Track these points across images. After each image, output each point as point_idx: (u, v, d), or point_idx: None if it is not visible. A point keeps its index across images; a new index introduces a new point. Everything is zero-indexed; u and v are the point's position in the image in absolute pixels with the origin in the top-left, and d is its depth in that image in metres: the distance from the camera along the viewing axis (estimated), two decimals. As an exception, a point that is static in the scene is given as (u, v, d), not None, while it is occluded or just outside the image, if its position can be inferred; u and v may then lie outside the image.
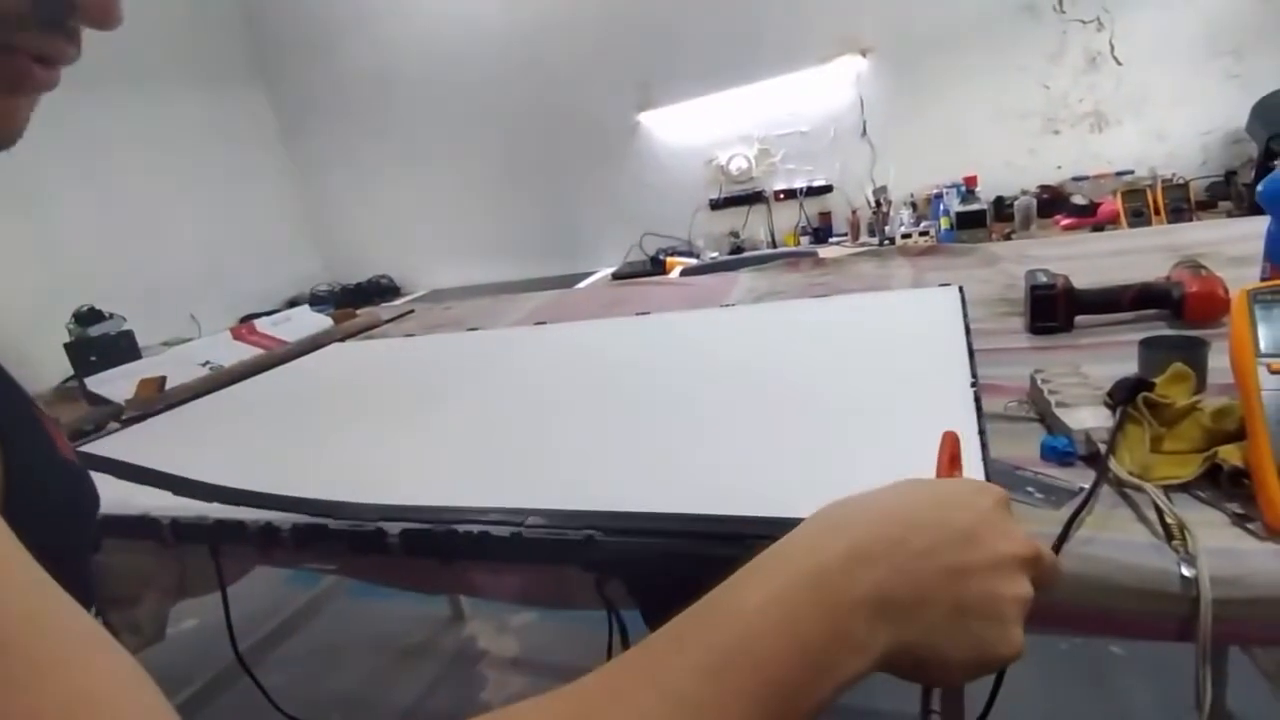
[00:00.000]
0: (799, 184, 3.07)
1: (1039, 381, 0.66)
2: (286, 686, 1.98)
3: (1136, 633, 0.47)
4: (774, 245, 3.15)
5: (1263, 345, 0.49)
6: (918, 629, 0.29)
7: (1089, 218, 2.46)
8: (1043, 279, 0.87)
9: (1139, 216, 2.31)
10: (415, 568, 0.63)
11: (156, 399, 1.29)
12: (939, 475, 0.40)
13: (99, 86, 3.02)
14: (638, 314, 1.14)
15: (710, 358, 0.88)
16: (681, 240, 3.33)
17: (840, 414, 0.62)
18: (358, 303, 2.76)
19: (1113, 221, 2.38)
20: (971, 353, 0.68)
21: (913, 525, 0.31)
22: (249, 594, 1.79)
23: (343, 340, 1.60)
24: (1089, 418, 0.58)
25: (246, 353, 1.58)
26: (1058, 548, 0.47)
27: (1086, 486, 0.53)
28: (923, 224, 2.62)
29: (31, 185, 2.86)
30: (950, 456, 0.40)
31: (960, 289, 0.90)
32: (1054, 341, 0.84)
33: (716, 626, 0.28)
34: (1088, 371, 0.67)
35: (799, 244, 3.06)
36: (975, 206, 2.43)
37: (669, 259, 3.06)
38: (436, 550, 0.52)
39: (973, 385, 0.60)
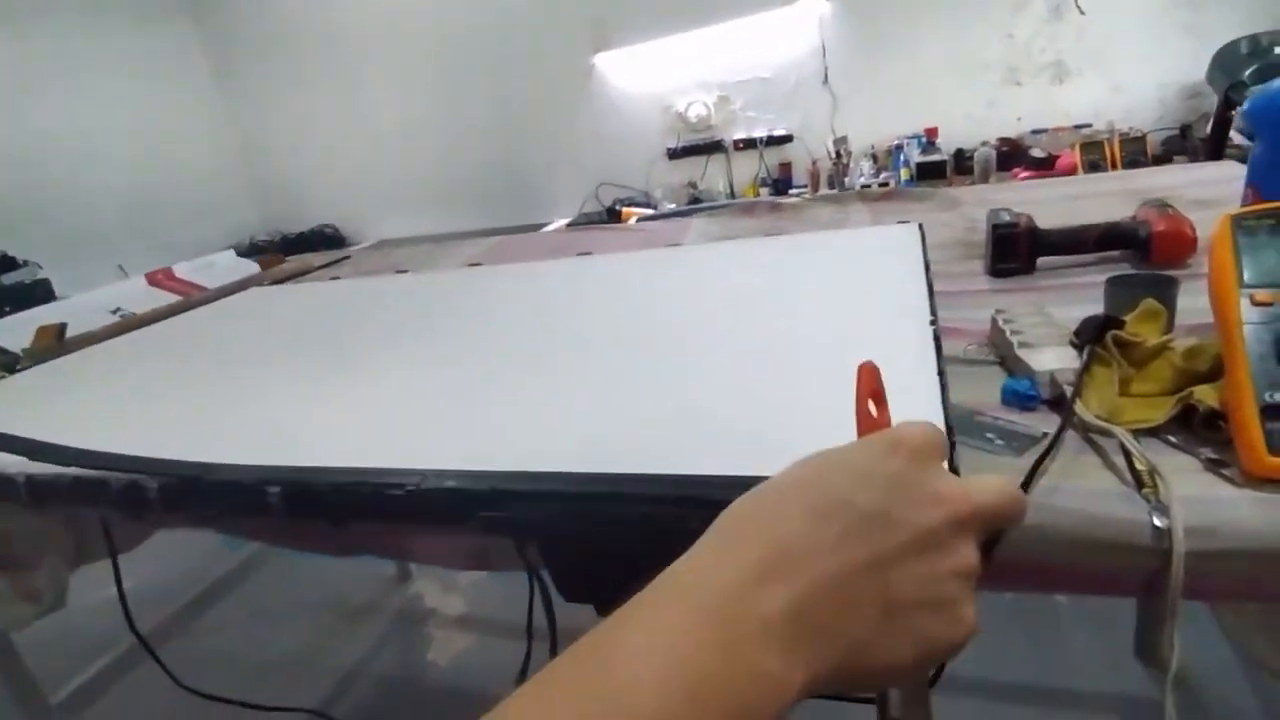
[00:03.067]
0: (759, 133, 2.99)
1: (1000, 322, 0.62)
2: (224, 650, 1.92)
3: (1101, 588, 0.43)
4: (733, 197, 3.08)
5: (1246, 275, 0.45)
6: (844, 644, 0.24)
7: (1047, 170, 2.44)
8: (1005, 218, 0.82)
9: (1096, 169, 2.29)
10: (329, 531, 0.56)
11: (55, 348, 1.18)
12: (859, 425, 0.32)
13: (13, 18, 2.77)
14: (579, 254, 1.06)
15: (650, 299, 0.81)
16: (639, 191, 3.24)
17: (790, 357, 0.56)
18: (299, 253, 2.63)
19: (1070, 174, 2.36)
20: (931, 290, 0.63)
21: (818, 519, 0.26)
22: (184, 555, 1.70)
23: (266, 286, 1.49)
24: (1053, 359, 0.54)
25: (163, 300, 1.46)
26: (1020, 498, 0.42)
27: (1050, 432, 0.49)
28: (883, 175, 2.58)
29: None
30: (871, 395, 0.33)
31: (920, 226, 0.85)
32: (1015, 284, 0.80)
33: (590, 678, 0.23)
34: (1052, 312, 0.62)
35: (758, 195, 2.99)
36: (935, 157, 2.39)
37: (625, 209, 2.97)
38: (322, 512, 0.46)
39: (932, 324, 0.55)
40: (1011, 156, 2.57)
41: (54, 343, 1.19)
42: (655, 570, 0.26)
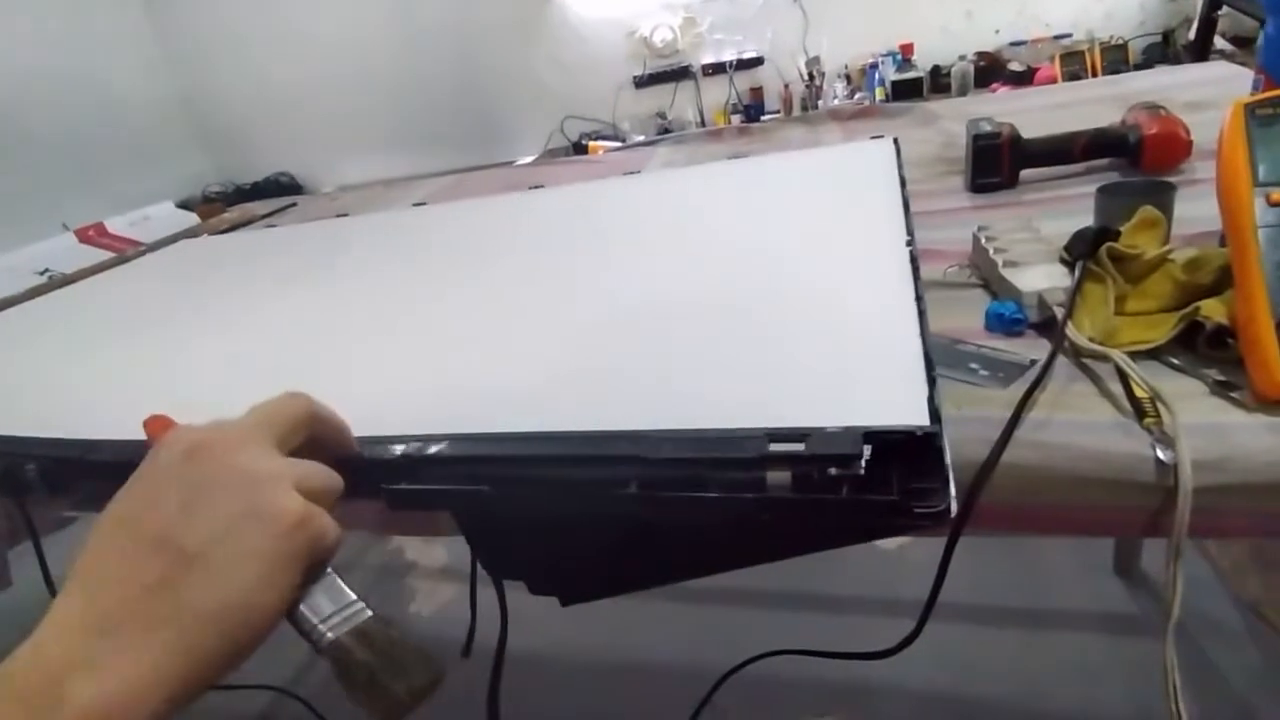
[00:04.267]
0: (728, 56, 2.85)
1: (983, 240, 0.56)
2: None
3: (1099, 530, 0.39)
4: (703, 124, 2.96)
5: (1261, 171, 0.39)
6: (175, 648, 0.25)
7: (1025, 83, 2.35)
8: (986, 128, 0.75)
9: (1076, 80, 2.21)
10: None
11: (-26, 314, 1.09)
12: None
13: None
14: (531, 188, 0.99)
15: (600, 229, 0.74)
16: (605, 123, 3.10)
17: (754, 288, 0.50)
18: (258, 202, 2.50)
19: (1048, 86, 2.28)
20: (907, 208, 0.57)
21: (125, 558, 0.27)
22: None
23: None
24: (1042, 277, 0.49)
25: (94, 257, 1.37)
26: (1007, 435, 0.37)
27: (1039, 359, 0.44)
28: (857, 95, 2.47)
29: None
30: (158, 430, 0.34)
31: (895, 140, 0.78)
32: (997, 199, 0.75)
33: None
34: (1039, 227, 0.57)
35: (729, 122, 2.88)
36: (911, 75, 2.30)
37: (592, 143, 2.85)
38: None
39: (908, 245, 0.50)
40: (989, 71, 2.48)
41: (-28, 308, 1.10)
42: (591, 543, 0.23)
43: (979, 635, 1.35)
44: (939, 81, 2.46)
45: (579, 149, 3.01)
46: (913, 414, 0.30)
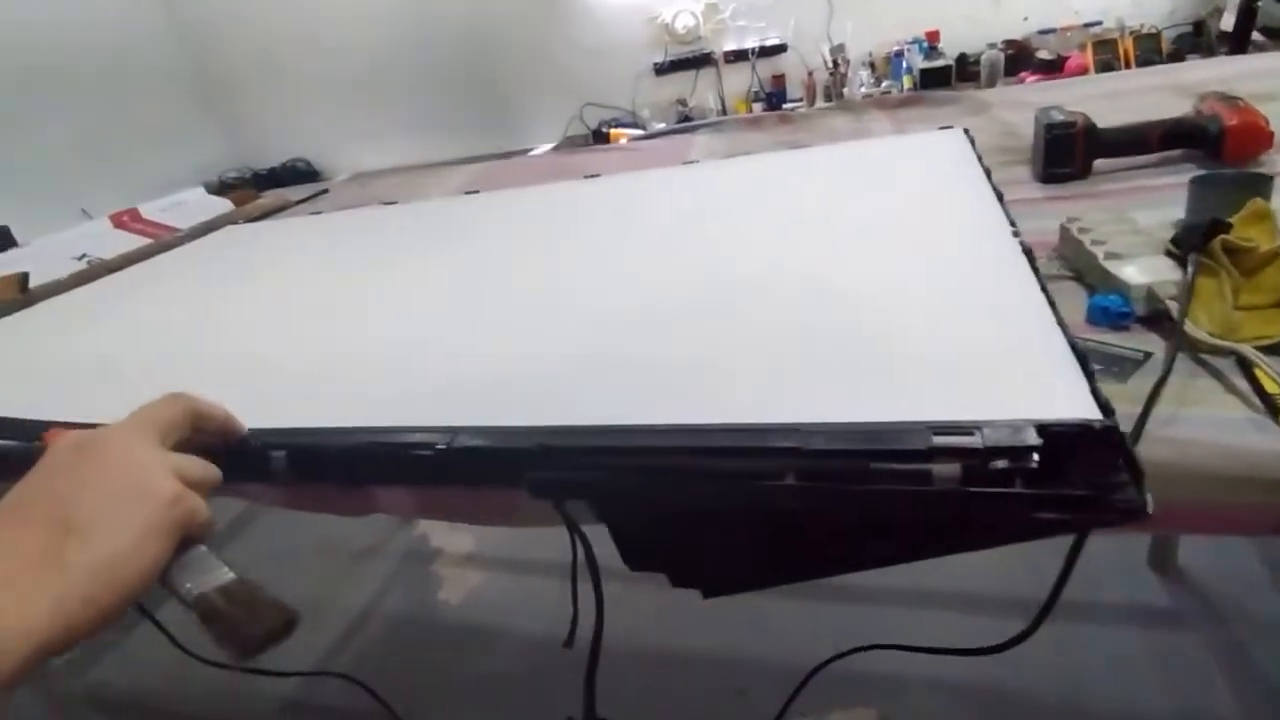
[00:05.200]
0: (750, 43, 2.83)
1: (1075, 231, 0.55)
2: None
3: (1233, 528, 0.38)
4: (724, 113, 2.94)
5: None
6: (56, 595, 0.30)
7: (1056, 73, 2.33)
8: (1058, 117, 0.74)
9: (1109, 69, 2.18)
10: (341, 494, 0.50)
11: (19, 300, 1.09)
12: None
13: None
14: (587, 176, 0.98)
15: (680, 221, 0.73)
16: (625, 111, 3.08)
17: (864, 279, 0.49)
18: (274, 189, 2.50)
19: (1080, 76, 2.25)
20: (1001, 198, 0.56)
21: (14, 527, 0.33)
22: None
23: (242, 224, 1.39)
24: (1148, 270, 0.48)
25: (130, 242, 1.36)
26: (1139, 430, 0.37)
27: (1150, 352, 0.43)
28: (884, 84, 2.45)
29: None
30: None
31: (966, 130, 0.77)
32: (1071, 190, 0.73)
33: None
34: (1134, 218, 0.56)
35: (751, 110, 2.86)
36: (940, 63, 2.27)
37: (613, 131, 2.83)
38: (336, 476, 0.40)
39: (1015, 235, 0.49)
40: (1017, 59, 2.45)
41: (16, 293, 1.10)
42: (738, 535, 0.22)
43: (1013, 628, 1.35)
44: (966, 69, 2.44)
45: (598, 136, 2.99)
46: (1078, 407, 0.29)
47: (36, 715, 1.22)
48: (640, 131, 2.76)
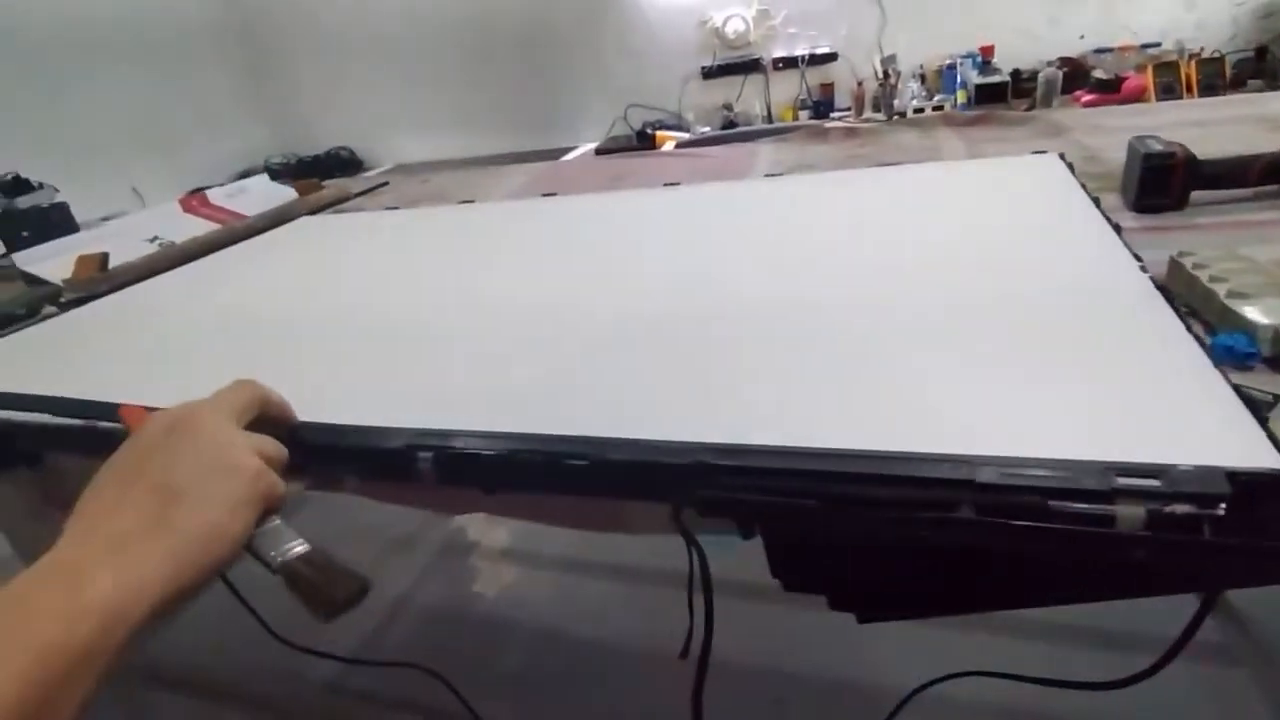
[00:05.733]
0: (800, 51, 2.82)
1: (1189, 267, 0.55)
2: (259, 582, 1.92)
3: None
4: (769, 119, 2.94)
5: None
6: (162, 552, 0.33)
7: (1112, 94, 2.30)
8: (1156, 147, 0.74)
9: (1170, 93, 2.16)
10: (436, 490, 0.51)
11: (99, 279, 1.12)
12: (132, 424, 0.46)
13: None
14: (666, 184, 0.98)
15: (785, 238, 0.71)
16: (670, 113, 3.09)
17: (984, 309, 0.49)
18: (317, 177, 2.53)
19: (1138, 98, 2.23)
20: (1119, 230, 0.56)
21: (117, 488, 0.36)
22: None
23: (309, 215, 1.42)
24: (1275, 311, 0.48)
25: (199, 227, 1.39)
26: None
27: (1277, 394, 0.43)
28: (936, 98, 2.43)
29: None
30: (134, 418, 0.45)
31: (1062, 156, 0.77)
32: (1166, 221, 0.73)
33: None
34: (1251, 254, 0.55)
35: (797, 118, 2.85)
36: (996, 78, 2.25)
37: (659, 133, 2.84)
38: (479, 479, 0.41)
39: (1142, 270, 0.49)
40: (1072, 78, 2.42)
41: (97, 273, 1.13)
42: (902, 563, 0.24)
43: (1057, 655, 1.33)
44: (1020, 86, 2.42)
45: (642, 138, 3.00)
46: (1258, 454, 0.30)
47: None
48: (686, 135, 2.77)
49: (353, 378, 0.56)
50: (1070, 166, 0.74)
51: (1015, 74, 2.47)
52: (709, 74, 2.96)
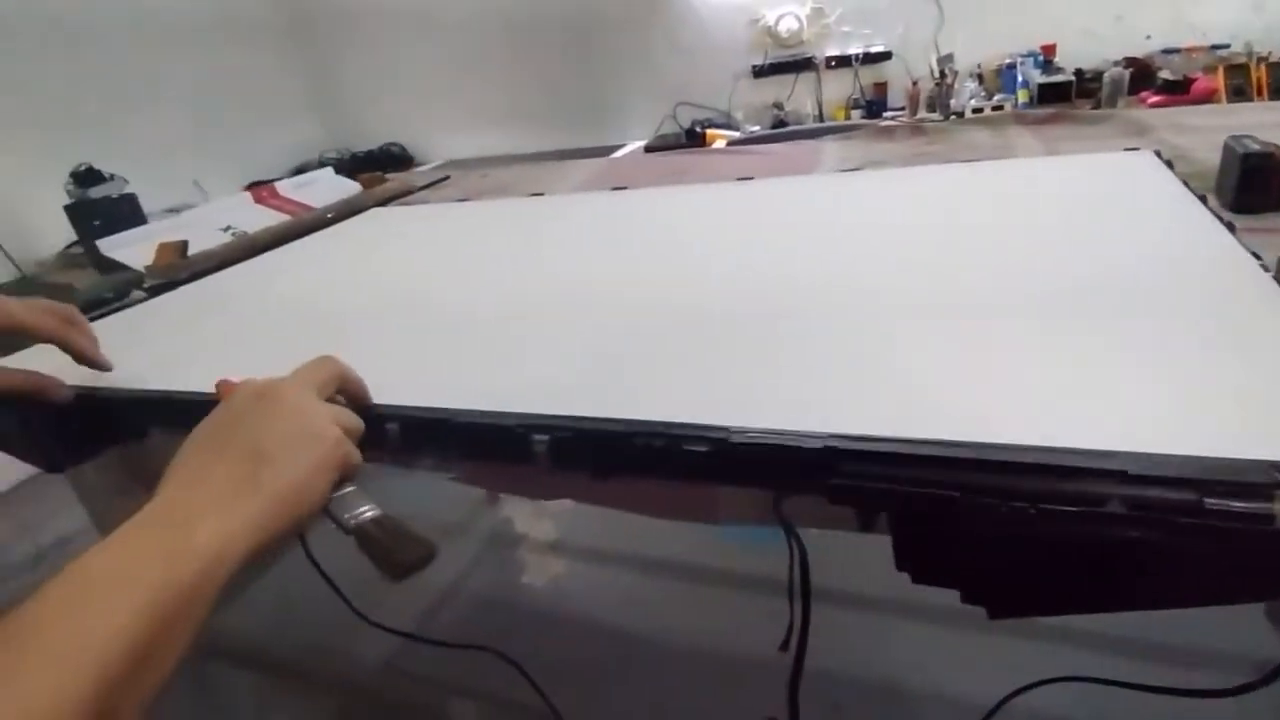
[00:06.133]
0: (854, 50, 2.79)
1: (1306, 268, 0.53)
2: (327, 554, 1.97)
3: None
4: (820, 119, 2.91)
5: None
6: (259, 505, 0.37)
7: (1180, 95, 2.23)
8: (1254, 147, 0.72)
9: (1240, 95, 2.09)
10: (530, 475, 0.52)
11: (180, 266, 1.15)
12: (222, 393, 0.48)
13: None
14: (740, 179, 0.98)
15: (878, 233, 0.70)
16: (719, 112, 3.08)
17: (1109, 304, 0.48)
18: (369, 171, 2.57)
19: (1208, 99, 2.16)
20: (1232, 229, 0.54)
21: (209, 450, 0.40)
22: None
23: (373, 207, 1.45)
24: None
25: (269, 217, 1.43)
26: None
27: None
28: (996, 98, 2.39)
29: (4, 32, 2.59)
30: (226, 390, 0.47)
31: (1157, 153, 0.75)
32: (1263, 223, 0.71)
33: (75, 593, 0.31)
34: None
35: (848, 118, 2.82)
36: (1060, 78, 2.20)
37: (709, 131, 2.83)
38: (591, 463, 0.42)
39: (1265, 270, 0.47)
40: (1138, 79, 2.36)
41: (178, 261, 1.17)
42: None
43: (1116, 672, 1.30)
44: (1083, 86, 2.36)
45: (691, 135, 2.99)
46: None
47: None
48: (736, 133, 2.76)
49: (455, 363, 0.57)
50: (1169, 164, 0.72)
51: (1079, 73, 2.41)
52: (760, 72, 2.95)
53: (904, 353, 0.46)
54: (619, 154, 2.84)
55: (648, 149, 3.00)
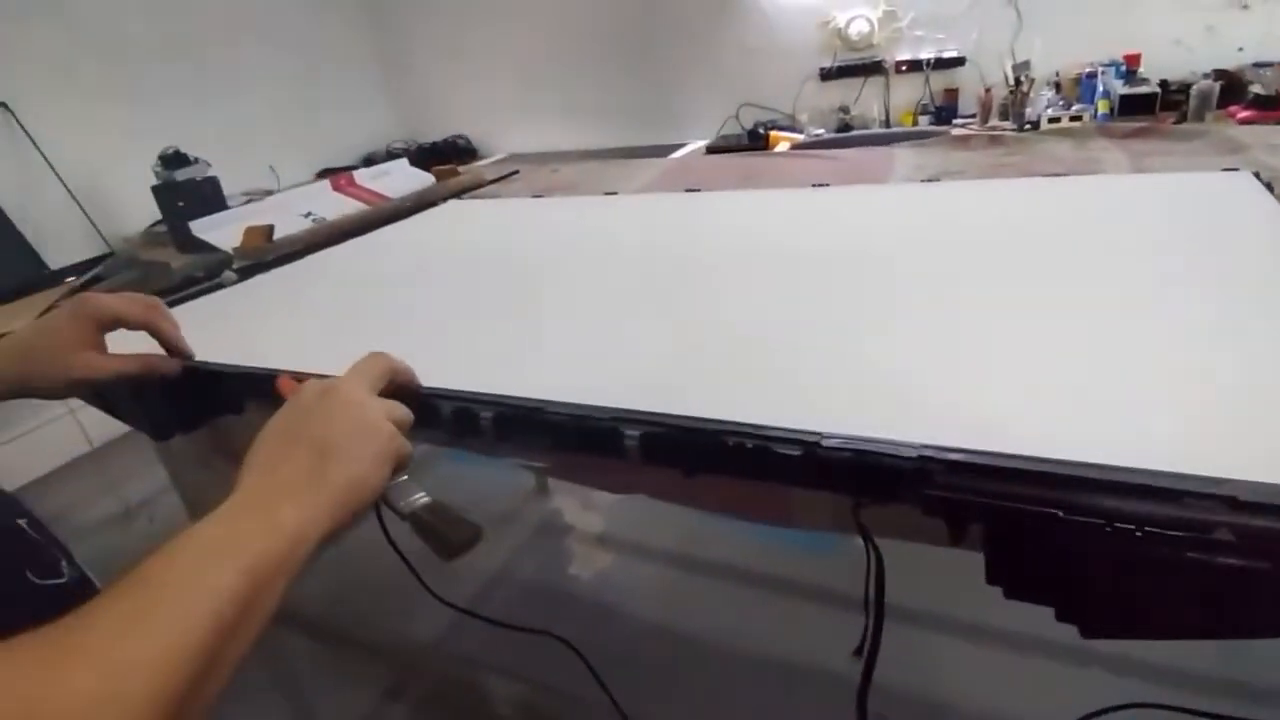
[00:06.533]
0: (926, 54, 2.74)
1: None
2: (380, 542, 2.02)
3: None
4: (887, 124, 2.86)
5: None
6: (330, 493, 0.40)
7: (1272, 111, 2.13)
8: (1367, 170, 0.69)
9: (1341, 112, 1.98)
10: (602, 466, 0.53)
11: (266, 249, 1.20)
12: (285, 393, 0.51)
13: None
14: (815, 185, 0.98)
15: (974, 244, 0.70)
16: (783, 114, 3.06)
17: (1228, 328, 0.48)
18: (434, 163, 2.62)
19: (1306, 116, 2.05)
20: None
21: (277, 444, 0.43)
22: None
23: (446, 199, 1.48)
24: None
25: (347, 205, 1.48)
26: None
27: None
28: (1074, 107, 2.32)
29: (107, 21, 2.73)
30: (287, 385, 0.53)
31: (1257, 174, 0.72)
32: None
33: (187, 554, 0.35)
34: None
35: (916, 124, 2.77)
36: (1145, 89, 2.12)
37: (772, 133, 2.81)
38: (680, 461, 0.43)
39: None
40: (1227, 92, 2.25)
41: (264, 244, 1.22)
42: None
43: (1178, 699, 1.26)
44: (1168, 98, 2.27)
45: (754, 137, 2.98)
46: None
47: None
48: (801, 136, 2.73)
49: (548, 356, 0.59)
50: (1269, 186, 0.70)
51: (1164, 85, 2.32)
52: (827, 75, 2.91)
53: (1004, 370, 0.46)
54: (679, 154, 2.85)
55: (709, 150, 3.01)
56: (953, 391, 0.44)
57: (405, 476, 0.46)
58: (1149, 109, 2.12)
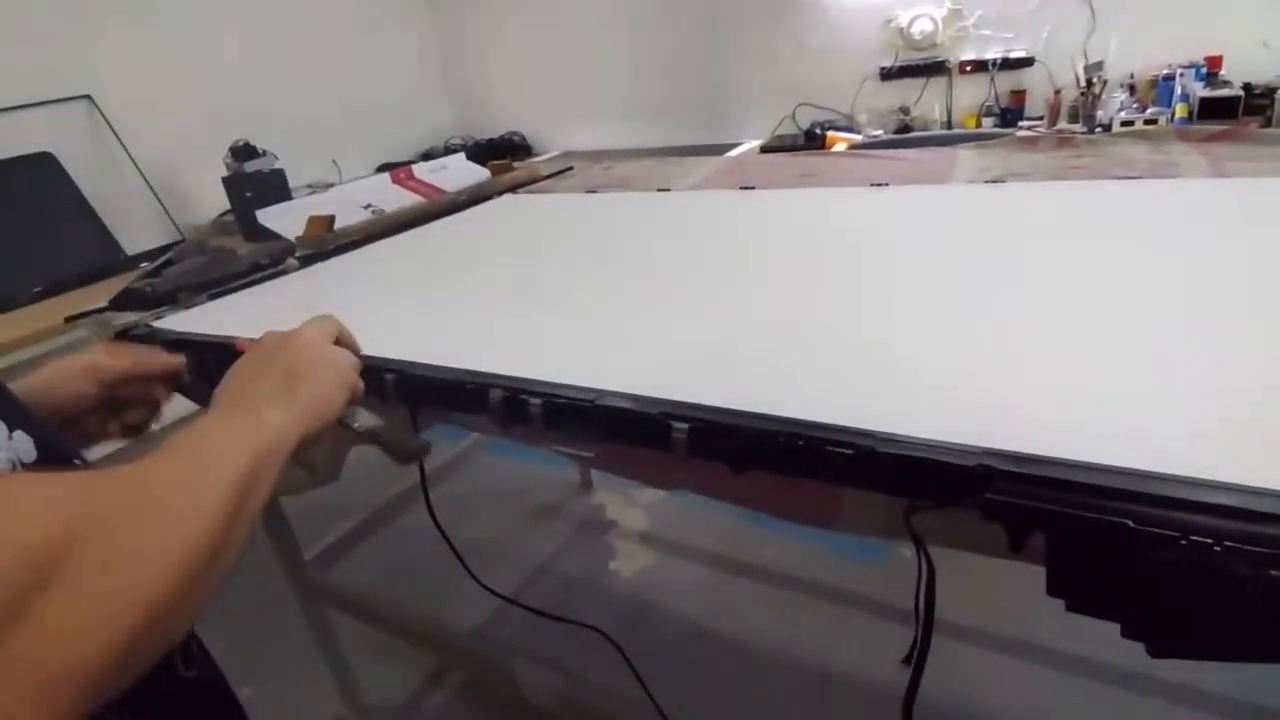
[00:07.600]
0: (991, 54, 2.65)
1: None
2: (427, 529, 2.06)
3: None
4: (949, 126, 2.79)
5: None
6: (298, 407, 0.47)
7: (1368, 116, 2.00)
8: None
9: None
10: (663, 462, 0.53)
11: (327, 238, 1.24)
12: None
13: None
14: (873, 185, 0.96)
15: (1045, 246, 0.67)
16: (841, 114, 3.00)
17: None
18: (490, 158, 2.65)
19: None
20: None
21: (255, 372, 0.50)
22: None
23: (502, 193, 1.50)
24: None
25: (406, 198, 1.51)
26: None
27: None
28: (1149, 110, 2.22)
29: (183, 18, 2.85)
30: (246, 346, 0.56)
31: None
32: None
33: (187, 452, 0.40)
34: None
35: (979, 126, 2.69)
36: (1227, 92, 2.02)
37: (829, 134, 2.77)
38: (729, 455, 0.42)
39: None
40: (1318, 96, 2.13)
41: (325, 233, 1.25)
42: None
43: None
44: (1251, 102, 2.15)
45: (810, 137, 2.94)
46: None
47: (291, 602, 1.41)
48: (858, 137, 2.69)
49: (601, 348, 0.59)
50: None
51: (1247, 88, 2.21)
52: (887, 75, 2.85)
53: (1074, 378, 0.44)
54: (734, 153, 2.82)
55: (764, 149, 2.97)
56: (1015, 393, 0.42)
57: (359, 407, 0.54)
58: (1231, 113, 2.02)
